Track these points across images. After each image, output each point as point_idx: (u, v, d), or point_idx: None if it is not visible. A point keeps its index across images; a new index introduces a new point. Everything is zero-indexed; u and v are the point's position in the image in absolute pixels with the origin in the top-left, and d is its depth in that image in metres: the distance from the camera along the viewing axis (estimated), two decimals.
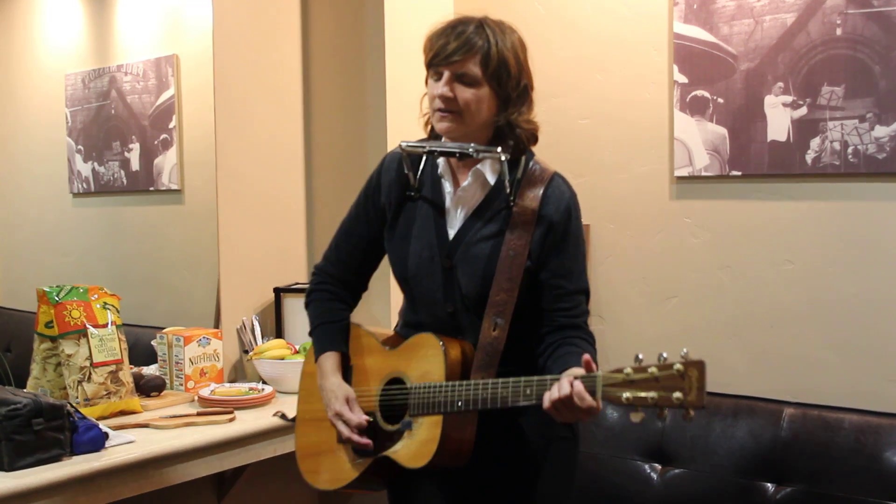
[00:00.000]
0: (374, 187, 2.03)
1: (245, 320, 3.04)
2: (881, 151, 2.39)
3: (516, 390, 1.68)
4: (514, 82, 1.85)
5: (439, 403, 1.78)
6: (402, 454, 1.86)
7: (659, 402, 1.50)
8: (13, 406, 2.07)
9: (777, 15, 2.53)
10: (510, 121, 1.85)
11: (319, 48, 3.25)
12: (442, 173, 1.93)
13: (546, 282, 1.85)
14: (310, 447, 2.08)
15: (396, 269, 1.97)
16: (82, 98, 3.27)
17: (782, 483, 2.40)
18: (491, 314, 1.81)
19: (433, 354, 1.84)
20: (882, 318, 2.42)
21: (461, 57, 1.80)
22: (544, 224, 1.84)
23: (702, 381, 1.48)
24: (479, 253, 1.85)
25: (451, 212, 1.91)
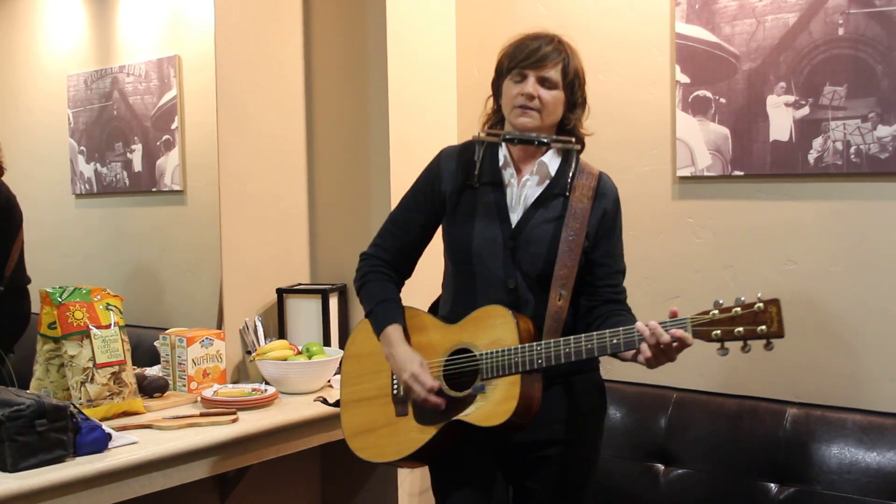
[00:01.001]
0: (434, 177, 2.20)
1: (248, 321, 3.04)
2: (883, 151, 2.39)
3: (602, 342, 1.91)
4: (580, 92, 2.13)
5: (517, 364, 1.96)
6: (475, 415, 1.99)
7: (745, 334, 1.79)
8: (16, 407, 2.08)
9: (779, 15, 2.53)
10: (574, 124, 2.13)
11: (321, 49, 3.25)
12: (504, 164, 2.13)
13: (598, 260, 2.11)
14: (361, 425, 2.19)
15: (459, 250, 2.13)
16: (84, 99, 3.27)
17: (785, 483, 2.40)
18: (556, 286, 2.03)
19: (503, 322, 2.01)
20: (885, 317, 2.42)
21: (547, 63, 2.06)
22: (599, 211, 2.11)
23: (780, 315, 1.77)
24: (543, 234, 2.07)
25: (514, 198, 2.11)
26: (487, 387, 1.99)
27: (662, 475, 2.57)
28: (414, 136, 3.09)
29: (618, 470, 2.63)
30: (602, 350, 1.91)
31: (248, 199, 3.09)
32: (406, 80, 3.07)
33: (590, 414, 2.17)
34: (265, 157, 3.15)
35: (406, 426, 2.11)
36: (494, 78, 2.17)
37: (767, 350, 1.78)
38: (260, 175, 3.13)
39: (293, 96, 3.25)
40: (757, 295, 1.78)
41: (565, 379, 2.11)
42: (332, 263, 3.26)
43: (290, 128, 3.24)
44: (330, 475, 3.25)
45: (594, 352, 1.92)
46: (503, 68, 2.12)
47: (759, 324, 1.77)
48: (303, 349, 2.90)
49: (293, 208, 3.26)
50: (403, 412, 2.12)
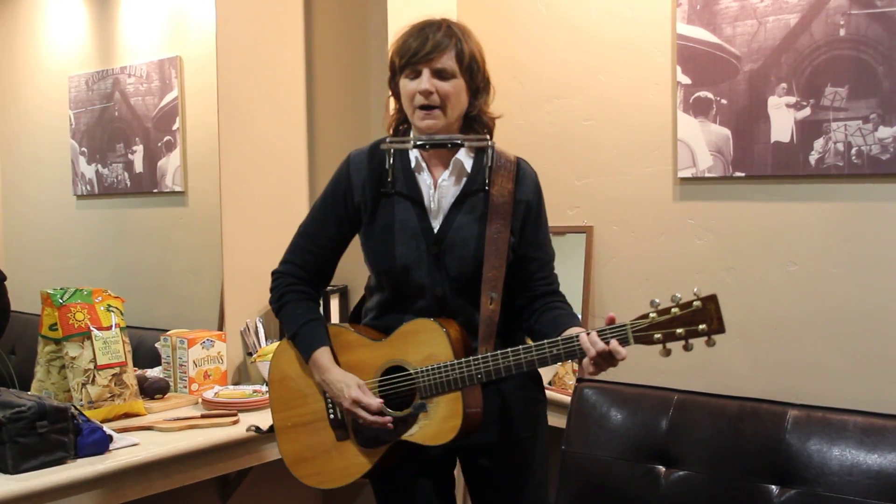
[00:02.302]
0: (344, 187, 2.10)
1: (249, 322, 3.04)
2: (885, 152, 2.38)
3: (542, 353, 1.86)
4: (481, 75, 2.04)
5: (457, 380, 1.91)
6: (421, 434, 1.95)
7: (687, 335, 1.76)
8: (17, 409, 2.08)
9: (780, 16, 2.53)
10: (480, 111, 2.05)
11: (323, 50, 3.25)
12: (417, 167, 2.04)
13: (528, 255, 2.05)
14: (301, 452, 2.11)
15: (381, 263, 2.04)
16: (86, 100, 3.27)
17: (786, 485, 2.39)
18: (487, 289, 1.96)
19: (434, 337, 1.94)
20: (886, 319, 2.41)
21: (439, 53, 1.96)
22: (522, 204, 2.03)
23: (719, 311, 1.75)
24: (468, 236, 2.00)
25: (432, 202, 2.02)
26: (429, 404, 1.94)
27: (663, 477, 2.57)
28: None
29: (618, 471, 2.62)
30: (543, 362, 1.87)
31: (249, 200, 3.09)
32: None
33: (526, 409, 2.10)
34: (266, 158, 3.15)
35: (349, 450, 2.04)
36: (389, 77, 2.08)
37: (709, 346, 1.77)
38: (261, 176, 3.13)
39: (294, 97, 3.25)
40: (693, 291, 1.76)
41: (499, 380, 2.00)
42: None
43: (291, 129, 3.24)
44: None
45: (535, 364, 1.87)
46: (395, 66, 2.03)
47: (698, 322, 1.75)
48: None
49: (294, 209, 3.25)
50: (344, 436, 2.05)
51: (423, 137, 1.99)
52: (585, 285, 2.90)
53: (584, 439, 2.68)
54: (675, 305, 1.77)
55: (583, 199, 2.95)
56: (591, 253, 2.91)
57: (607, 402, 2.71)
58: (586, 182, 2.94)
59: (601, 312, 2.88)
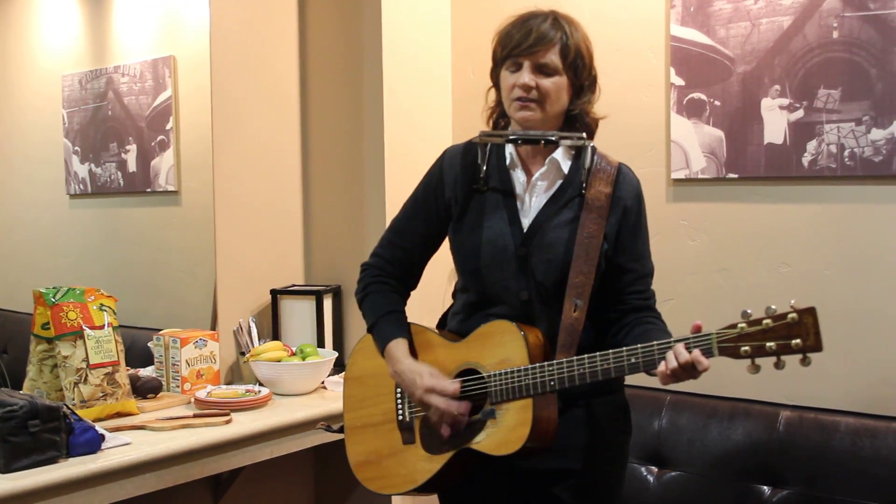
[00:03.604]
0: (436, 182, 2.03)
1: (242, 322, 3.04)
2: (877, 154, 2.39)
3: (619, 361, 1.73)
4: (587, 72, 1.95)
5: (528, 386, 1.79)
6: (487, 443, 1.84)
7: (778, 350, 1.60)
8: (9, 408, 2.07)
9: (774, 18, 2.53)
10: (582, 110, 1.95)
11: (317, 50, 3.25)
12: (512, 164, 1.96)
13: (623, 265, 1.92)
14: (368, 454, 2.04)
15: (467, 261, 1.96)
16: (79, 99, 3.26)
17: (778, 486, 2.40)
18: (571, 296, 1.84)
19: (511, 340, 1.84)
20: (878, 320, 2.42)
21: (542, 47, 1.86)
22: (619, 208, 1.92)
23: (816, 326, 1.60)
24: (557, 239, 1.89)
25: (525, 201, 1.94)
26: (498, 411, 1.83)
27: (655, 477, 2.57)
28: (409, 137, 3.09)
29: None
30: (619, 371, 1.73)
31: (242, 199, 3.09)
32: (401, 81, 3.07)
33: (611, 440, 1.98)
34: (260, 158, 3.15)
35: (413, 455, 1.95)
36: (491, 68, 1.99)
37: (804, 365, 1.61)
38: (254, 176, 3.13)
39: (288, 97, 3.25)
40: (790, 303, 1.61)
41: (585, 402, 1.93)
42: (327, 265, 3.26)
43: (285, 129, 3.24)
44: (323, 476, 3.24)
45: (611, 373, 1.74)
46: (497, 57, 1.95)
47: (792, 337, 1.60)
48: (297, 350, 2.89)
49: (288, 209, 3.25)
50: (410, 440, 1.97)
51: (517, 132, 1.91)
52: None
53: None
54: (767, 317, 1.62)
55: None
56: None
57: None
58: None
59: None
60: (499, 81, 1.97)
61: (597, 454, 1.94)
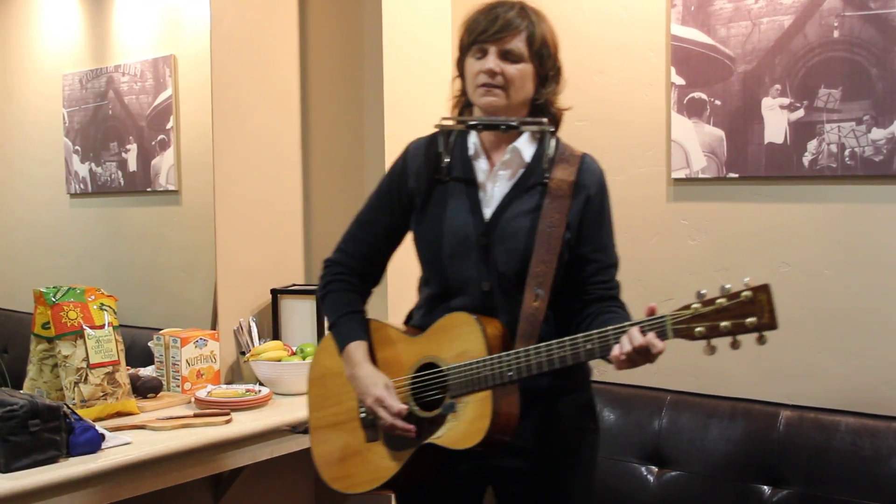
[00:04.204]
0: (399, 174, 2.02)
1: (242, 322, 3.04)
2: (878, 154, 2.39)
3: (575, 348, 1.71)
4: (552, 62, 1.93)
5: (486, 378, 1.78)
6: (448, 437, 1.83)
7: (733, 329, 1.56)
8: (9, 407, 2.07)
9: (774, 17, 2.53)
10: (547, 99, 1.93)
11: (317, 49, 3.25)
12: (475, 154, 1.95)
13: (586, 255, 1.90)
14: (333, 453, 2.03)
15: (428, 253, 1.95)
16: (80, 98, 3.26)
17: (779, 486, 2.40)
18: (532, 285, 1.83)
19: (469, 331, 1.83)
20: (879, 320, 2.42)
21: (508, 34, 1.86)
22: (581, 197, 1.90)
23: (771, 304, 1.55)
24: (519, 227, 1.87)
25: (487, 190, 1.92)
26: (458, 404, 1.82)
27: (656, 477, 2.57)
28: (409, 135, 3.04)
29: (611, 471, 2.63)
30: (576, 357, 1.71)
31: (242, 199, 3.09)
32: (401, 80, 3.07)
33: (576, 439, 1.95)
34: (260, 157, 3.15)
35: (377, 453, 1.94)
36: (458, 57, 1.96)
37: (760, 344, 1.56)
38: (255, 175, 3.13)
39: (289, 96, 3.25)
40: (744, 281, 1.57)
41: (548, 401, 1.91)
42: None
43: (285, 128, 3.24)
44: None
45: (567, 360, 1.71)
46: (463, 45, 1.92)
47: (747, 315, 1.55)
48: (297, 350, 2.90)
49: (288, 209, 3.25)
50: (374, 437, 1.96)
51: (477, 118, 1.89)
52: None
53: None
54: (721, 296, 1.57)
55: None
56: None
57: (600, 403, 2.71)
58: None
59: None
60: (464, 70, 1.95)
61: (561, 454, 1.93)
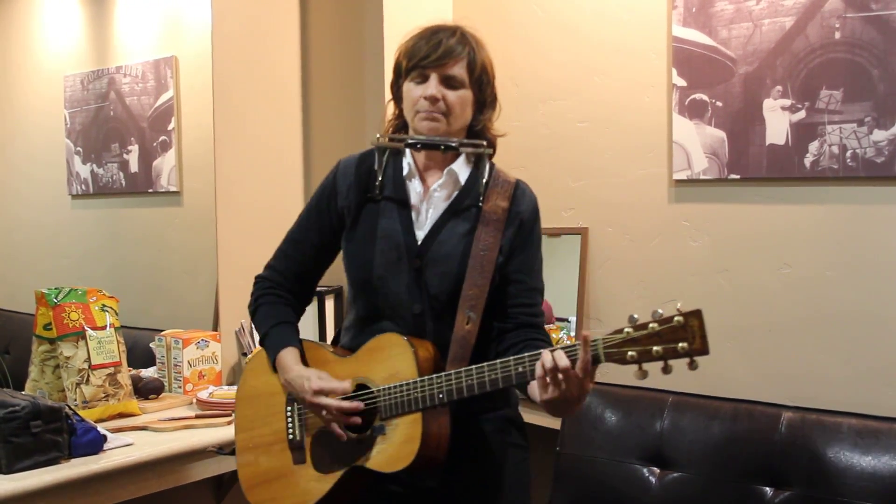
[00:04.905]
0: (329, 193, 2.00)
1: (243, 323, 3.04)
2: (880, 155, 2.39)
3: (506, 371, 1.68)
4: (490, 89, 1.92)
5: (417, 400, 1.75)
6: (377, 460, 1.79)
7: (665, 354, 1.54)
8: (11, 408, 2.07)
9: (776, 18, 2.53)
10: (484, 125, 1.93)
11: (318, 51, 3.25)
12: (409, 174, 1.92)
13: (510, 276, 1.89)
14: (258, 476, 1.99)
15: (359, 273, 1.92)
16: (81, 100, 3.27)
17: (781, 487, 2.40)
18: (464, 308, 1.82)
19: (400, 353, 1.80)
20: (881, 322, 2.42)
21: (450, 60, 1.86)
22: (516, 221, 1.90)
23: (702, 329, 1.53)
24: (452, 251, 1.86)
25: (421, 212, 1.91)
26: (388, 426, 1.79)
27: (658, 478, 2.57)
28: None
29: (613, 472, 2.63)
30: (507, 380, 1.68)
31: (244, 200, 3.09)
32: None
33: (503, 457, 1.92)
34: (262, 158, 3.15)
35: (304, 475, 1.90)
36: (393, 80, 1.95)
37: (692, 369, 1.53)
38: (256, 176, 3.13)
39: (290, 98, 3.25)
40: (676, 306, 1.55)
41: (473, 419, 1.88)
42: None
43: (286, 129, 3.24)
44: None
45: (498, 382, 1.69)
46: (402, 68, 1.91)
47: (679, 340, 1.53)
48: None
49: (289, 210, 3.23)
50: (301, 459, 1.91)
51: (417, 137, 1.87)
52: (580, 287, 2.90)
53: (579, 441, 2.68)
54: (653, 321, 1.56)
55: (578, 201, 2.95)
56: (585, 255, 2.91)
57: (602, 404, 2.71)
58: (581, 184, 2.94)
59: (596, 314, 2.88)
60: (400, 94, 1.93)
61: (488, 471, 1.90)
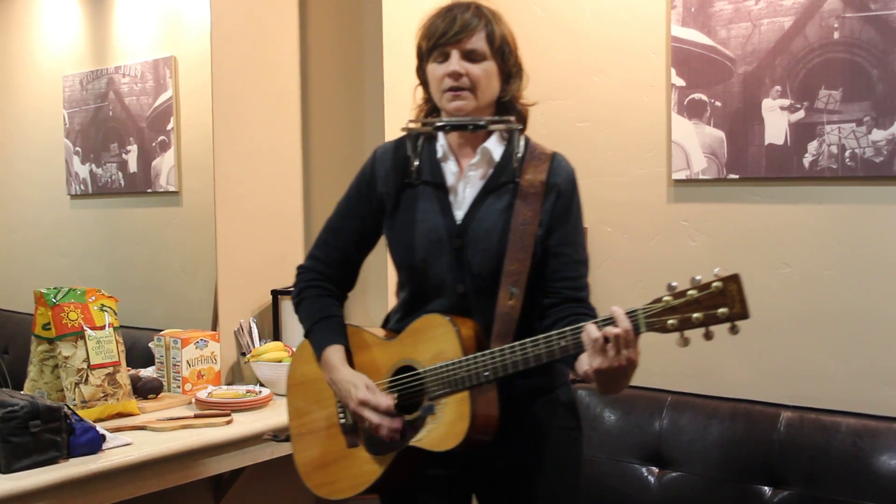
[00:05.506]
0: (368, 179, 2.00)
1: (242, 322, 3.04)
2: (878, 155, 2.39)
3: (549, 345, 1.69)
4: (514, 59, 1.91)
5: (463, 379, 1.77)
6: (428, 440, 1.81)
7: (705, 321, 1.55)
8: (10, 408, 2.07)
9: (775, 18, 2.53)
10: (513, 96, 1.92)
11: (317, 50, 3.25)
12: (443, 156, 1.93)
13: (552, 249, 1.87)
14: (315, 460, 2.01)
15: (401, 257, 1.93)
16: (80, 100, 3.27)
17: (779, 486, 2.40)
18: (507, 283, 1.81)
19: (443, 333, 1.82)
20: (879, 321, 2.42)
21: (468, 33, 1.84)
22: (553, 193, 1.88)
23: (742, 293, 1.54)
24: (492, 228, 1.85)
25: (458, 192, 1.91)
26: (437, 406, 1.80)
27: (656, 478, 2.57)
28: None
29: (612, 472, 2.63)
30: (550, 355, 1.68)
31: (243, 200, 3.09)
32: (402, 80, 3.06)
33: (557, 439, 1.93)
34: (261, 158, 3.15)
35: (359, 458, 1.92)
36: (417, 64, 1.95)
37: (732, 334, 1.55)
38: (255, 176, 3.13)
39: (289, 98, 3.25)
40: (713, 272, 1.57)
41: (526, 402, 1.89)
42: None
43: (285, 129, 3.24)
44: None
45: (542, 357, 1.69)
46: (423, 51, 1.91)
47: (718, 306, 1.54)
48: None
49: (288, 210, 3.25)
50: (354, 443, 1.93)
51: (444, 119, 1.87)
52: None
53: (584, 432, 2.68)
54: (692, 288, 1.57)
55: None
56: None
57: (601, 404, 2.71)
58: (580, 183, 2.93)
59: None
60: (426, 77, 1.93)
61: (542, 454, 1.91)
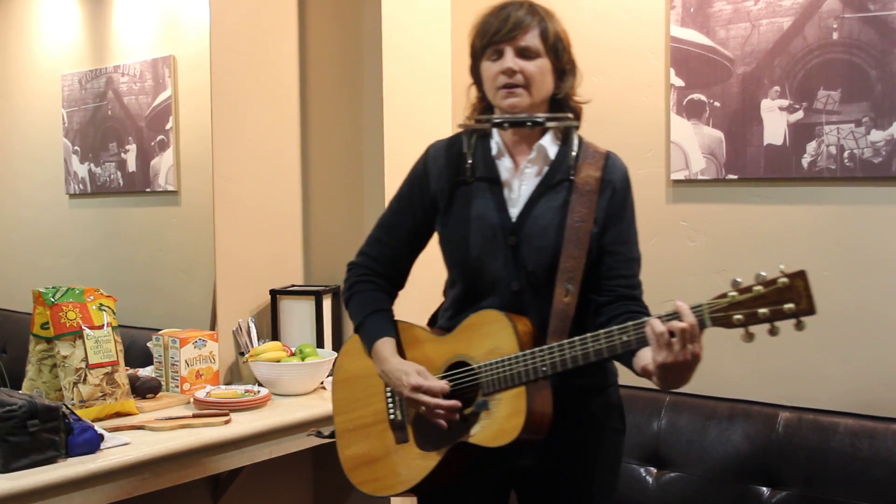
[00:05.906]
0: (420, 177, 2.00)
1: (241, 322, 3.04)
2: (877, 155, 2.39)
3: (610, 341, 1.69)
4: (567, 56, 1.91)
5: (519, 374, 1.76)
6: (482, 435, 1.80)
7: (772, 316, 1.56)
8: (8, 407, 2.07)
9: (773, 19, 2.53)
10: (566, 93, 1.92)
11: (316, 50, 3.25)
12: (498, 153, 1.93)
13: (607, 247, 1.88)
14: (361, 457, 2.01)
15: (456, 255, 1.93)
16: (79, 99, 3.26)
17: (777, 487, 2.40)
18: (562, 280, 1.81)
19: (499, 328, 1.81)
20: (877, 322, 2.42)
21: (522, 31, 1.85)
22: (609, 190, 1.89)
23: (808, 289, 1.54)
24: (548, 224, 1.86)
25: (514, 188, 1.91)
26: (491, 402, 1.80)
27: (655, 478, 2.57)
28: (408, 137, 3.09)
29: None
30: (612, 350, 1.68)
31: (242, 199, 3.09)
32: (401, 80, 3.07)
33: (606, 441, 1.95)
34: (259, 157, 3.15)
35: (408, 454, 1.91)
36: (471, 63, 1.96)
37: (798, 330, 1.55)
38: (254, 176, 3.13)
39: (288, 97, 3.25)
40: (779, 268, 1.56)
41: (580, 401, 1.89)
42: (326, 265, 3.26)
43: (284, 129, 3.24)
44: (322, 477, 3.24)
45: (603, 353, 1.69)
46: (476, 49, 1.92)
47: (784, 301, 1.54)
48: (296, 351, 2.89)
49: (287, 209, 3.25)
50: (403, 439, 1.93)
51: (501, 116, 1.87)
52: None
53: None
54: (758, 283, 1.57)
55: None
56: None
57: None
58: None
59: None
60: (479, 75, 1.94)
61: (591, 455, 1.93)
